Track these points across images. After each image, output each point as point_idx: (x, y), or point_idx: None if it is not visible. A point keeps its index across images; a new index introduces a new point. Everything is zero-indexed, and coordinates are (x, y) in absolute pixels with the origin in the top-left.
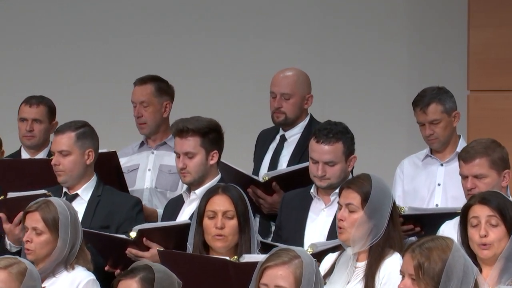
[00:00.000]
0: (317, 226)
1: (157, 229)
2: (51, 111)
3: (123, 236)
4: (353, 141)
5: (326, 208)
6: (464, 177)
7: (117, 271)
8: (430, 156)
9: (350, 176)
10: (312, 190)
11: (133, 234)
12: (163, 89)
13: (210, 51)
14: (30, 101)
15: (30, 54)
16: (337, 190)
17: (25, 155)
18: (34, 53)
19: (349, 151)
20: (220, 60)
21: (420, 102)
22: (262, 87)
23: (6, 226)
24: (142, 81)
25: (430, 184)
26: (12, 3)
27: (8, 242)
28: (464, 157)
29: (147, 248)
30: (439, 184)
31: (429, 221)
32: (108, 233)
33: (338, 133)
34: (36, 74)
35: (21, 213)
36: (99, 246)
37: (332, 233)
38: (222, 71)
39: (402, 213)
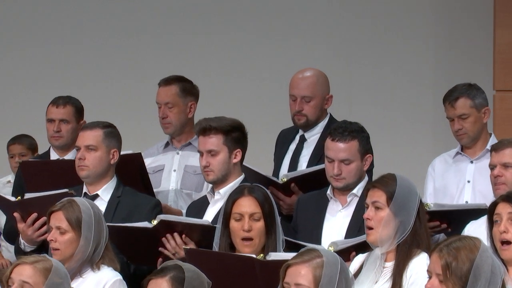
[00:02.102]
0: (334, 227)
1: (178, 223)
2: (78, 111)
3: (143, 224)
4: (369, 140)
5: (343, 209)
6: (493, 168)
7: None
8: (461, 154)
9: (366, 177)
10: (328, 192)
11: (154, 222)
12: (188, 90)
13: (234, 52)
14: (57, 101)
15: (58, 54)
16: (354, 191)
17: (54, 155)
18: (61, 53)
19: (364, 149)
20: (244, 60)
21: (449, 96)
22: (285, 87)
23: (20, 225)
24: (166, 81)
25: (459, 181)
26: (38, 3)
27: (22, 241)
28: (496, 147)
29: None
30: (468, 181)
31: (456, 218)
32: (128, 224)
33: (354, 131)
34: (64, 75)
35: (34, 214)
36: (118, 240)
37: (350, 233)
38: (246, 71)
39: (428, 209)
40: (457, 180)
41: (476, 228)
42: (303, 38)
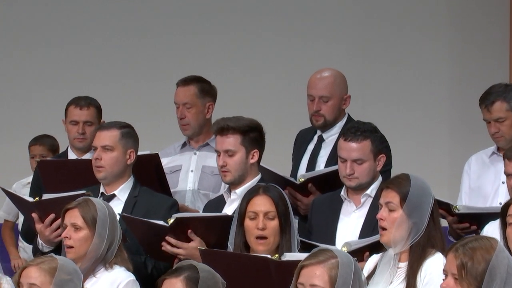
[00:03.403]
0: (348, 228)
1: (195, 219)
2: (99, 111)
3: (162, 222)
4: (383, 140)
5: (357, 210)
6: (509, 175)
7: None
8: (497, 154)
9: (380, 177)
10: (342, 193)
11: (170, 221)
12: (206, 90)
13: (253, 52)
14: (79, 103)
15: (73, 54)
16: (367, 191)
17: (71, 155)
18: (79, 53)
19: (377, 149)
20: (263, 60)
21: (486, 99)
22: (303, 87)
23: (38, 226)
24: (185, 82)
25: (495, 181)
26: (56, 4)
27: (40, 242)
28: (509, 155)
29: (187, 240)
30: (503, 182)
31: (485, 220)
32: (148, 219)
33: (366, 131)
34: (83, 74)
35: (52, 215)
36: (139, 233)
37: (364, 234)
38: (265, 71)
39: (457, 211)
40: (492, 181)
41: (495, 229)
42: (320, 39)
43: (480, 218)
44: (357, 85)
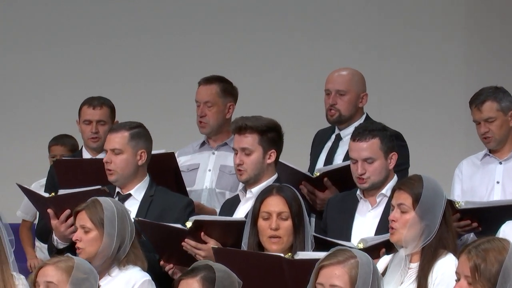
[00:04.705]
0: (364, 227)
1: (212, 222)
2: (113, 111)
3: (180, 225)
4: (392, 138)
5: (372, 209)
6: None
7: (170, 266)
8: (489, 155)
9: (395, 177)
10: (358, 192)
11: (188, 224)
12: (228, 90)
13: (272, 52)
14: (92, 103)
15: (92, 54)
16: (383, 191)
17: (86, 155)
18: (95, 53)
19: (387, 147)
20: (281, 60)
21: (476, 100)
22: (320, 86)
23: (53, 222)
24: (207, 80)
25: (488, 182)
26: (73, 5)
27: (55, 238)
28: None
29: (204, 242)
30: (498, 182)
31: (487, 216)
32: (165, 223)
33: (374, 130)
34: (96, 75)
35: (67, 211)
36: (155, 238)
37: (379, 233)
38: (282, 72)
39: (459, 207)
40: (486, 181)
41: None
42: (337, 39)
43: (481, 215)
44: (374, 86)
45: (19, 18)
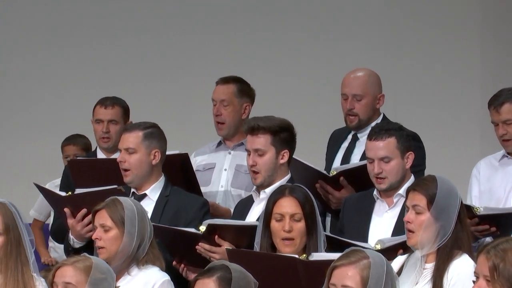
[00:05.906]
0: (381, 228)
1: (226, 226)
2: (125, 111)
3: (193, 230)
4: (409, 138)
5: (389, 210)
6: None
7: (182, 266)
8: (507, 156)
9: (412, 177)
10: (375, 192)
11: (202, 228)
12: (245, 91)
13: (286, 52)
14: (105, 102)
15: (103, 54)
16: (400, 191)
17: (100, 155)
18: (107, 53)
19: (403, 147)
20: (295, 61)
21: (495, 101)
22: (335, 87)
23: (70, 221)
24: (225, 80)
25: (506, 184)
26: (87, 5)
27: (71, 237)
28: None
29: (218, 245)
30: None
31: (505, 221)
32: (178, 227)
33: (391, 129)
34: (111, 75)
35: (84, 210)
36: (168, 241)
37: (396, 234)
38: (297, 72)
39: (478, 213)
40: (504, 183)
41: None
42: (352, 39)
43: (499, 220)
44: (389, 86)
45: (38, 18)
